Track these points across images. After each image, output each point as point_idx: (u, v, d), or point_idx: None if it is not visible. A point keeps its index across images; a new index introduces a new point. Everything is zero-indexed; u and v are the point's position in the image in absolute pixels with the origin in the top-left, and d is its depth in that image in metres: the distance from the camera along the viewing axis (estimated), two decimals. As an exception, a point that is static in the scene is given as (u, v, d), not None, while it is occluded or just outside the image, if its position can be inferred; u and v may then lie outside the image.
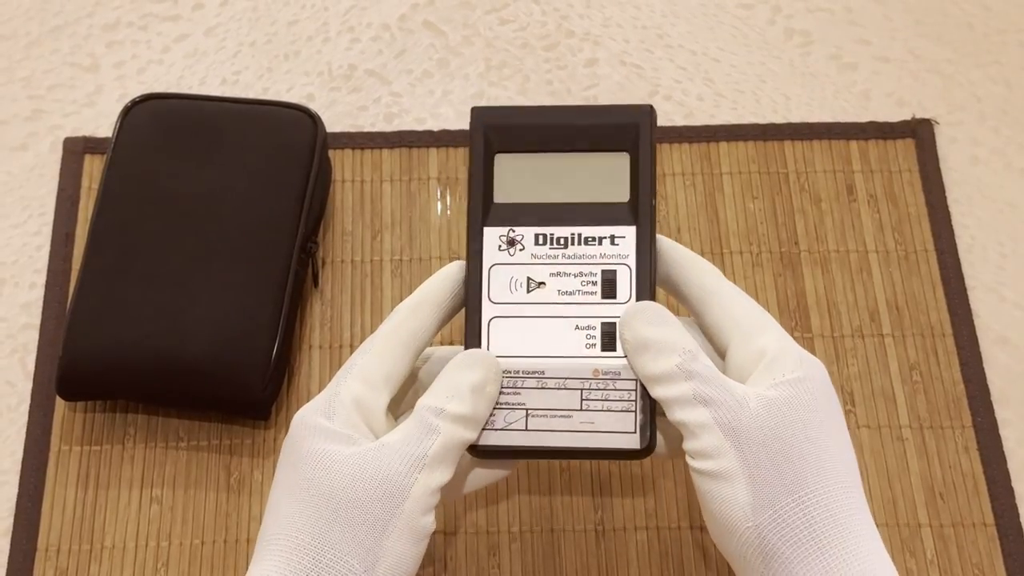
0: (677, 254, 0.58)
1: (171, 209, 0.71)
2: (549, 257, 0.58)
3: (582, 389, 0.57)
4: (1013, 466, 0.70)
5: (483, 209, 0.58)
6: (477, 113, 0.59)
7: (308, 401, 0.70)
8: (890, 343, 0.74)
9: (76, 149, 0.79)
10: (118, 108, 0.77)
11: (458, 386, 0.55)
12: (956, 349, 0.73)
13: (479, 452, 0.56)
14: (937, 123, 0.81)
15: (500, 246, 0.58)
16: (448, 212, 0.78)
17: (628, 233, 0.57)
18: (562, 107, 0.63)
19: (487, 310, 0.58)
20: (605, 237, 0.58)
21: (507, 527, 0.68)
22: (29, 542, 0.68)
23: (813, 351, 0.73)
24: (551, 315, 0.58)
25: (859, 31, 0.86)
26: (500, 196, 0.58)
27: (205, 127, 0.74)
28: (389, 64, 0.84)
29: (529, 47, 0.85)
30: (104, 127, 0.80)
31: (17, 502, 0.69)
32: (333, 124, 0.81)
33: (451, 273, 0.58)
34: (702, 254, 0.75)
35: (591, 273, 0.57)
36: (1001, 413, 0.72)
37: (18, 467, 0.70)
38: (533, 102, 0.82)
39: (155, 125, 0.74)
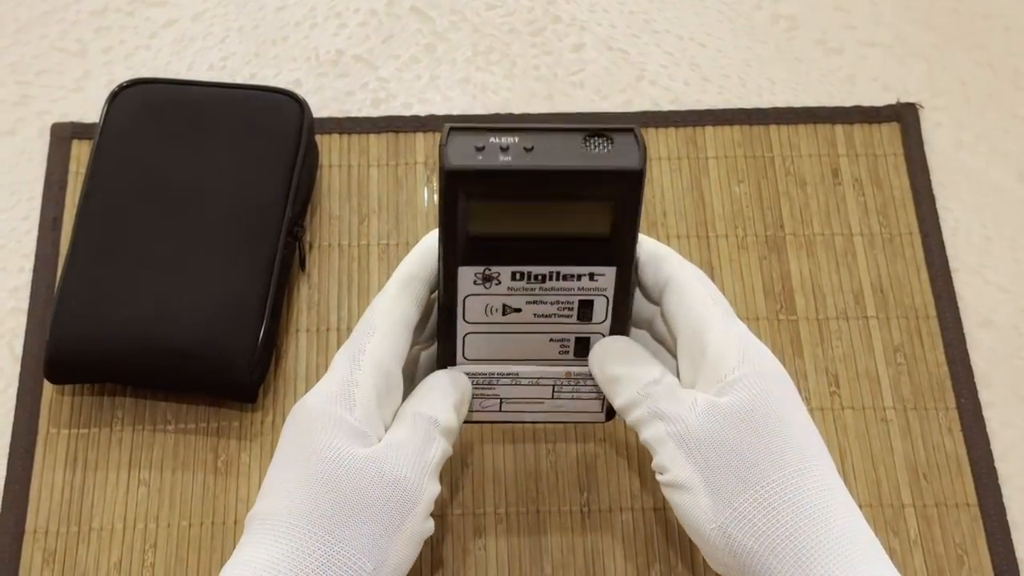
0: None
1: (158, 193, 0.72)
2: (526, 290, 0.57)
3: (554, 385, 0.61)
4: (996, 447, 0.71)
5: (457, 250, 0.55)
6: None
7: (296, 384, 0.71)
8: (874, 325, 0.74)
9: (64, 134, 0.79)
10: (106, 93, 0.77)
11: (444, 403, 0.57)
12: (940, 331, 0.74)
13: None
14: (922, 107, 0.82)
15: (475, 281, 0.56)
16: (435, 197, 0.78)
17: (608, 272, 0.56)
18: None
19: (461, 328, 0.58)
20: (584, 274, 0.56)
21: (493, 508, 0.68)
22: (17, 524, 0.68)
23: (798, 333, 0.73)
24: (526, 332, 0.58)
25: (845, 16, 0.86)
26: (475, 228, 0.54)
27: (192, 112, 0.74)
28: (376, 50, 0.84)
29: (516, 32, 0.85)
30: (92, 113, 0.80)
31: (5, 485, 0.69)
32: (320, 109, 0.81)
33: (434, 244, 0.57)
34: (688, 238, 0.76)
35: (568, 301, 0.57)
36: (984, 395, 0.72)
37: (6, 450, 0.70)
38: (520, 87, 0.82)
39: (142, 110, 0.74)
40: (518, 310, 0.57)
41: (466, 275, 0.56)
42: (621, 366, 0.57)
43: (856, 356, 0.73)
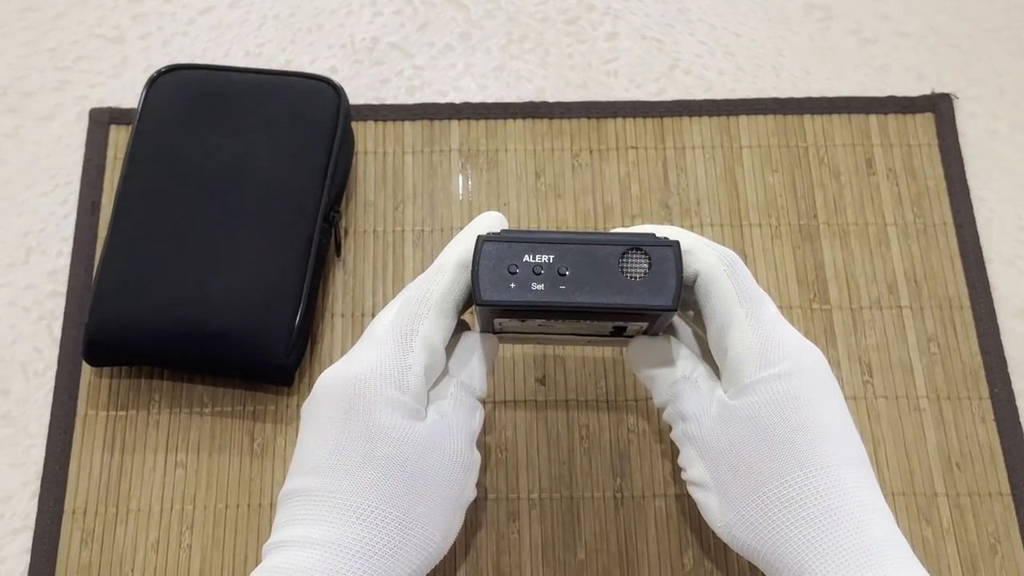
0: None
1: (196, 178, 0.72)
2: (561, 321, 0.56)
3: (588, 341, 0.62)
4: (1030, 437, 0.71)
5: (492, 314, 0.55)
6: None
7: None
8: (908, 315, 0.74)
9: (102, 119, 0.80)
10: (143, 79, 0.78)
11: (480, 371, 0.58)
12: (974, 321, 0.74)
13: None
14: (956, 97, 0.82)
15: (510, 319, 0.56)
16: (469, 184, 0.78)
17: (641, 324, 0.56)
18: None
19: (497, 329, 0.58)
20: (618, 322, 0.56)
21: (527, 493, 0.69)
22: (56, 505, 0.69)
23: (831, 322, 0.73)
24: (561, 333, 0.59)
25: (879, 6, 0.86)
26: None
27: (229, 98, 0.75)
28: (411, 37, 0.84)
29: (550, 21, 0.85)
30: (130, 98, 0.81)
31: (44, 465, 0.70)
32: (356, 97, 0.81)
33: (491, 224, 0.57)
34: (721, 226, 0.76)
35: (602, 325, 0.57)
36: (1018, 384, 0.72)
37: (45, 431, 0.71)
38: (554, 76, 0.83)
39: (180, 96, 0.75)
40: (553, 324, 0.57)
41: (502, 320, 0.56)
42: (654, 366, 0.58)
43: (889, 345, 0.73)
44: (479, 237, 0.52)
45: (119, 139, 0.79)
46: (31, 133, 0.80)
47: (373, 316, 0.74)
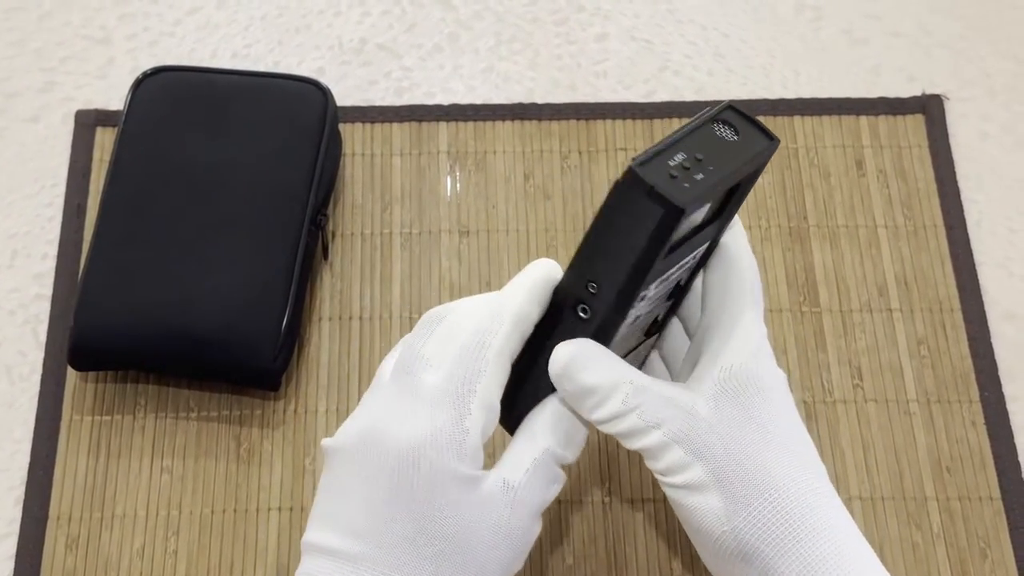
0: None
1: (182, 181, 0.72)
2: (651, 299, 0.53)
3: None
4: (1020, 441, 0.70)
5: (646, 276, 0.50)
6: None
7: (319, 372, 0.71)
8: (898, 318, 0.74)
9: (88, 121, 0.79)
10: (130, 81, 0.77)
11: (574, 437, 0.54)
12: (964, 324, 0.74)
13: None
14: (947, 99, 0.81)
15: (629, 321, 0.53)
16: (457, 186, 0.78)
17: (703, 248, 0.54)
18: None
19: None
20: (691, 259, 0.54)
21: (515, 498, 0.68)
22: (41, 510, 0.68)
23: (821, 325, 0.73)
24: (626, 337, 0.56)
25: (870, 6, 0.86)
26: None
27: (216, 100, 0.74)
28: (400, 38, 0.84)
29: (539, 22, 0.85)
30: (116, 99, 0.81)
31: (29, 470, 0.69)
32: (344, 98, 0.81)
33: (548, 271, 0.53)
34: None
35: (666, 294, 0.55)
36: (1008, 388, 0.72)
37: (30, 436, 0.70)
38: (543, 77, 0.82)
39: (167, 97, 0.75)
40: (637, 317, 0.54)
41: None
42: (596, 375, 0.52)
43: (880, 349, 0.73)
44: (631, 168, 0.48)
45: (105, 141, 0.79)
46: (16, 135, 0.80)
47: (361, 319, 0.73)
